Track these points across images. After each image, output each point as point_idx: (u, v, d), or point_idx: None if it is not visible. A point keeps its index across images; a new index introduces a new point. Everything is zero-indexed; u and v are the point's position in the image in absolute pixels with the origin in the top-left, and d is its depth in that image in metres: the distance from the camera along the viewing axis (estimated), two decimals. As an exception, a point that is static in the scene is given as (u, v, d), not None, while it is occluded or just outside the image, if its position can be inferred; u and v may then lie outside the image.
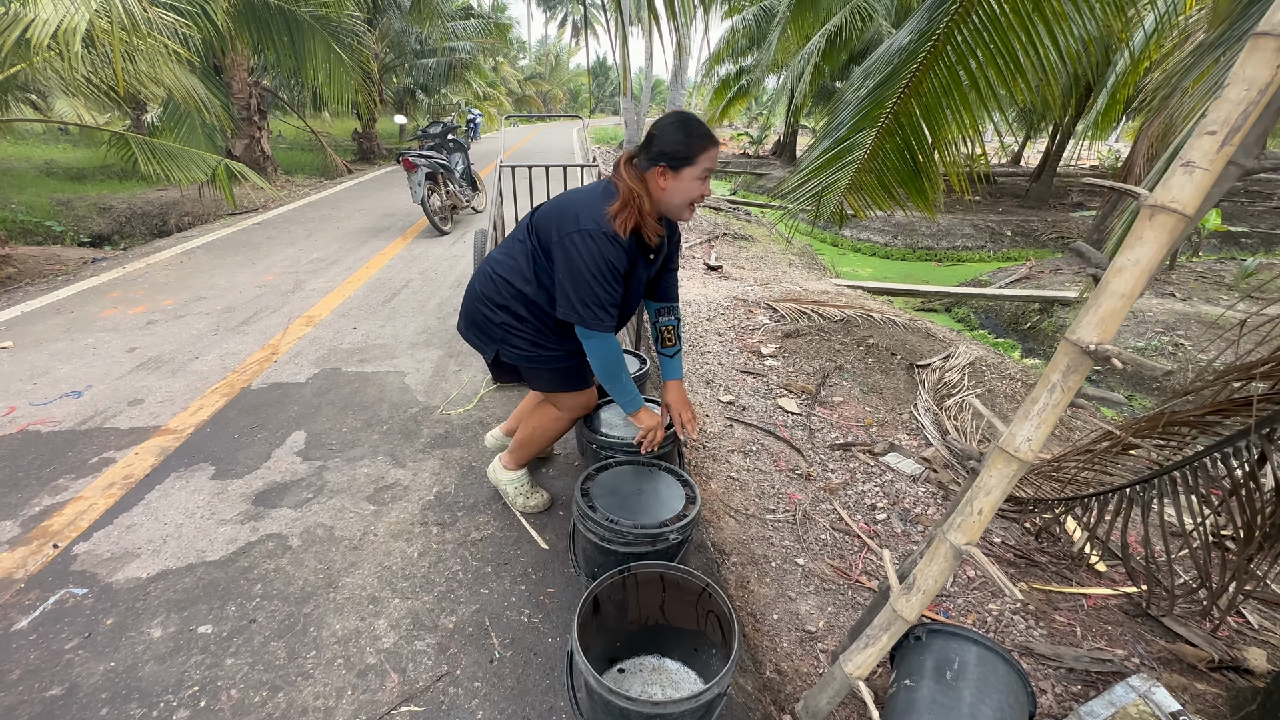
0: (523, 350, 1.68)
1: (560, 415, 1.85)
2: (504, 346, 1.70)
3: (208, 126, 7.97)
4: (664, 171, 1.47)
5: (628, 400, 1.67)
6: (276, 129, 14.08)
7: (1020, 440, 1.18)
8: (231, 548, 1.86)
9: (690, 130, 1.46)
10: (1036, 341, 6.77)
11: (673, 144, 1.45)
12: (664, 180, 1.48)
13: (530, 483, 2.08)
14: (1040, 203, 13.23)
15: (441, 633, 1.59)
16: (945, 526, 1.32)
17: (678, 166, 1.46)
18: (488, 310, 1.68)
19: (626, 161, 1.53)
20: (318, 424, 2.58)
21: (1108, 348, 1.07)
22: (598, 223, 1.46)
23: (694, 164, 1.46)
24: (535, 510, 2.06)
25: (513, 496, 2.06)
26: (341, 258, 5.19)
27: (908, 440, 3.09)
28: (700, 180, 1.49)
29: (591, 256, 1.46)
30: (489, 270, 1.69)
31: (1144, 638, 1.96)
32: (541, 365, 1.71)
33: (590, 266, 1.46)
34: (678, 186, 1.48)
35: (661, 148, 1.46)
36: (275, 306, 3.98)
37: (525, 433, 1.94)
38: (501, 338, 1.69)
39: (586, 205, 1.50)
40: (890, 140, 3.70)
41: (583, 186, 1.63)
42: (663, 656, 1.41)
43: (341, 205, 7.61)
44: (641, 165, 1.50)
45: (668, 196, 1.50)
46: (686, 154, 1.45)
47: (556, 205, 1.59)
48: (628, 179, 1.49)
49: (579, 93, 49.89)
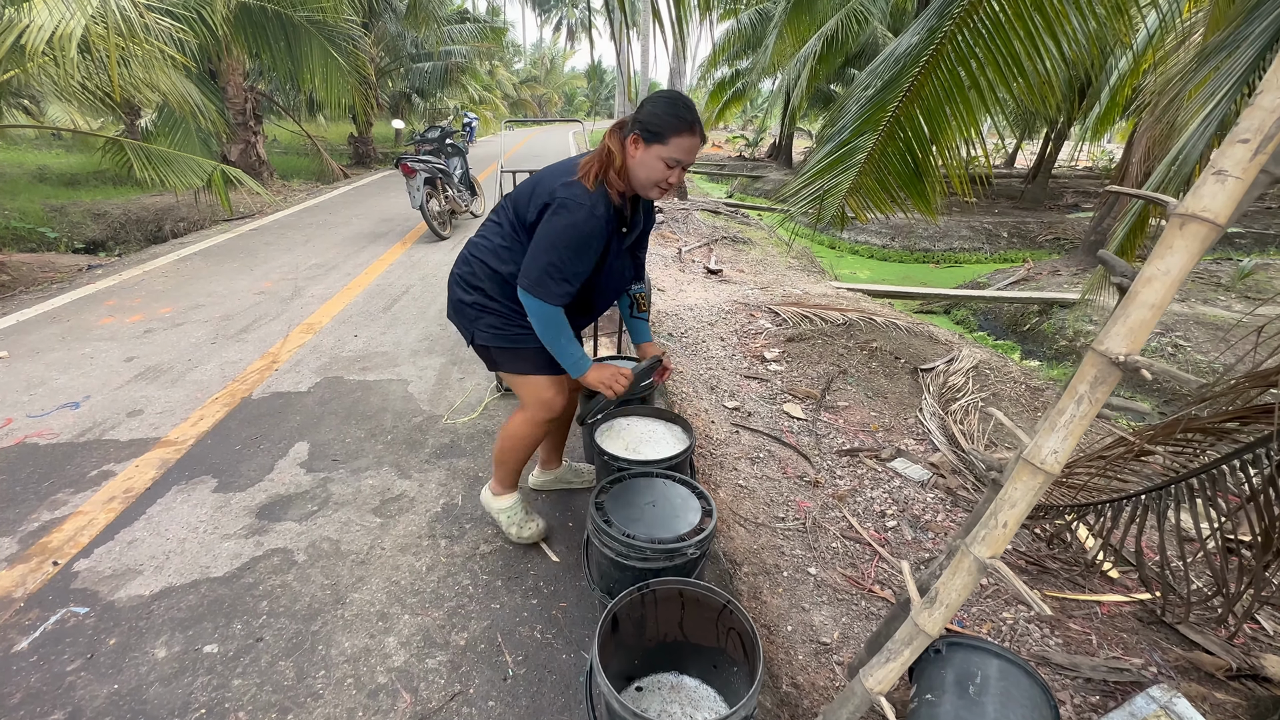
0: (496, 329, 1.64)
1: (527, 419, 1.76)
2: (477, 329, 1.66)
3: (203, 132, 7.93)
4: (636, 140, 1.43)
5: (574, 362, 1.59)
6: (271, 134, 14.02)
7: (1047, 452, 1.16)
8: (236, 563, 1.83)
9: (674, 109, 1.41)
10: (1036, 343, 6.78)
11: (650, 115, 1.41)
12: (634, 149, 1.45)
13: (524, 511, 1.98)
14: (1036, 204, 13.28)
15: (453, 650, 1.56)
16: (968, 539, 1.29)
17: (648, 140, 1.41)
18: (462, 291, 1.66)
19: (617, 126, 1.51)
20: (320, 434, 2.55)
21: (1138, 359, 1.05)
22: (575, 193, 1.44)
23: (664, 143, 1.40)
24: (529, 541, 1.96)
25: (505, 527, 1.97)
26: (340, 264, 5.15)
27: (914, 445, 3.08)
28: (665, 164, 1.42)
29: (563, 224, 1.43)
30: (466, 253, 1.68)
31: (1160, 646, 1.94)
32: (519, 344, 1.66)
33: (557, 233, 1.44)
34: (644, 160, 1.44)
35: (641, 116, 1.43)
36: (274, 314, 3.94)
37: (498, 446, 1.85)
38: (474, 318, 1.65)
39: (564, 173, 1.50)
40: (892, 143, 3.70)
41: (565, 159, 1.60)
42: (681, 674, 1.38)
43: (338, 210, 7.57)
44: (626, 130, 1.48)
45: (634, 167, 1.46)
46: (659, 129, 1.40)
47: (534, 179, 1.57)
48: (608, 138, 1.49)
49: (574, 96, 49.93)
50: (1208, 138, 3.01)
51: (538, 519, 2.00)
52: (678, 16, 3.65)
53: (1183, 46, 4.23)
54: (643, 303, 1.90)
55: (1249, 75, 2.74)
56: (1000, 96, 3.10)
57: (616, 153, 1.46)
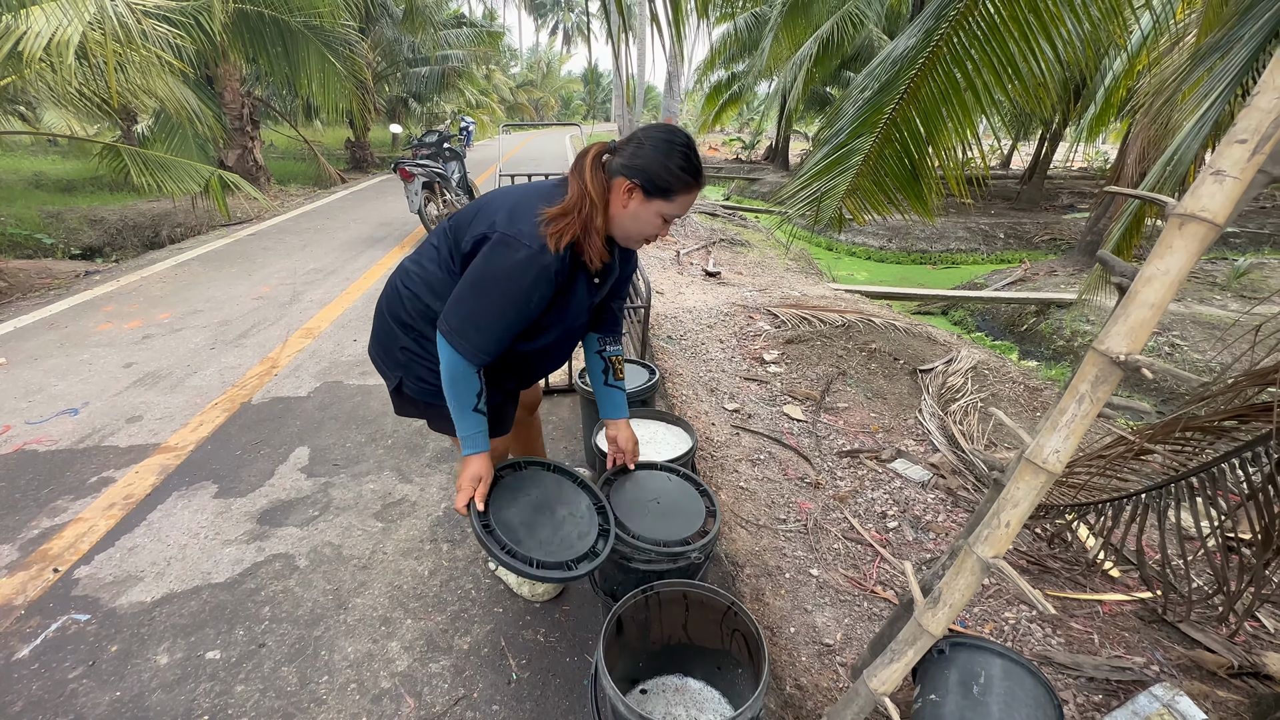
0: (427, 384, 1.36)
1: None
2: (407, 376, 1.37)
3: (199, 137, 7.94)
4: (633, 189, 1.18)
5: (468, 435, 1.29)
6: (268, 139, 14.03)
7: (1049, 452, 1.17)
8: (237, 569, 1.82)
9: (686, 162, 1.18)
10: (1034, 344, 6.80)
11: (659, 167, 1.16)
12: (629, 200, 1.19)
13: None
14: (1032, 205, 13.34)
15: (456, 654, 1.55)
16: (971, 539, 1.30)
17: (649, 194, 1.18)
18: (391, 330, 1.36)
19: (596, 157, 1.21)
20: (321, 439, 2.55)
21: (1138, 358, 1.06)
22: (519, 231, 1.15)
23: (671, 200, 1.19)
24: (546, 597, 1.75)
25: (516, 586, 1.77)
26: (339, 268, 5.15)
27: (914, 446, 3.09)
28: (664, 219, 1.22)
29: (501, 272, 1.16)
30: (397, 282, 1.37)
31: (1161, 644, 1.95)
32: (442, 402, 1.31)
33: (494, 281, 1.16)
34: (641, 213, 1.20)
35: (644, 164, 1.16)
36: (273, 319, 3.93)
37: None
38: (406, 364, 1.36)
39: (516, 205, 1.20)
40: (889, 145, 3.72)
41: (527, 185, 1.31)
42: (685, 676, 1.38)
43: (336, 215, 7.57)
44: (612, 168, 1.20)
45: (625, 219, 1.21)
46: (668, 185, 1.17)
47: (481, 201, 1.28)
48: (588, 180, 1.18)
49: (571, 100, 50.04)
50: (1202, 138, 3.03)
51: None
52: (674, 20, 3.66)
53: (1176, 48, 4.26)
54: (619, 368, 1.57)
55: (1243, 76, 2.76)
56: (996, 98, 3.12)
57: (598, 204, 1.18)
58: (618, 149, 1.22)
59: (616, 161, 1.20)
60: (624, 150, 1.20)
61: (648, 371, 2.27)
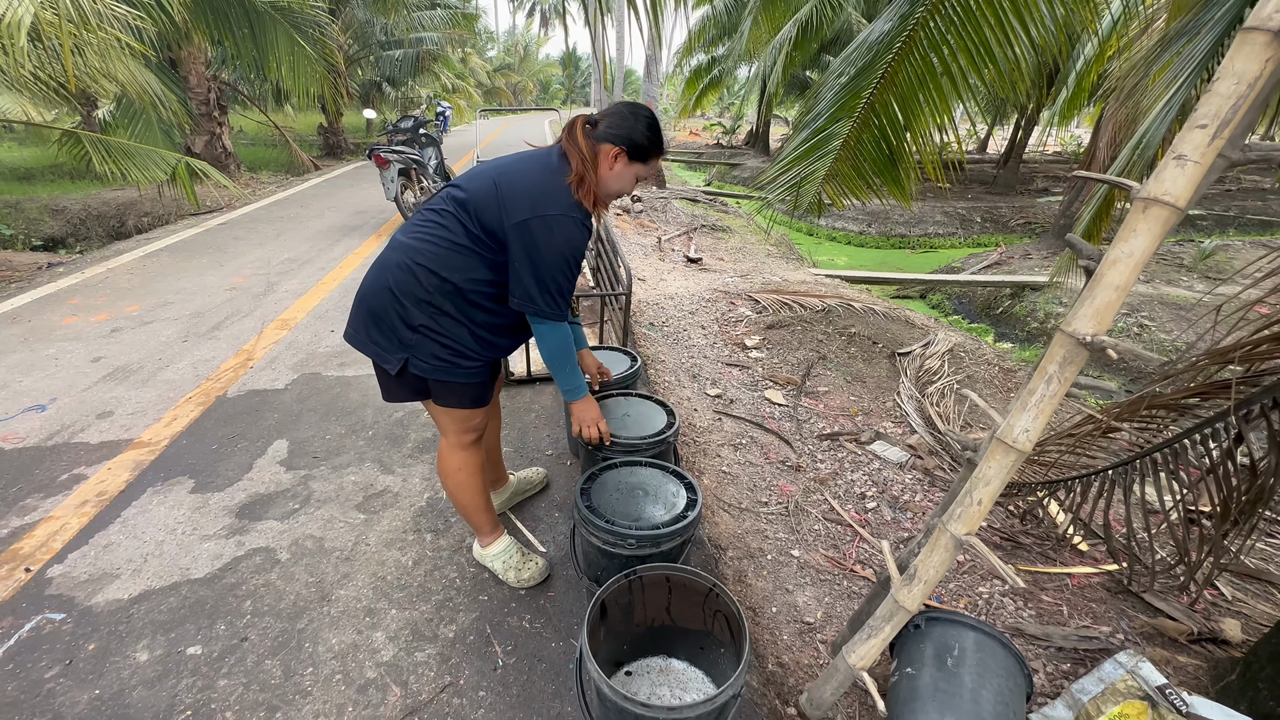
0: (441, 360, 1.43)
1: (453, 445, 1.61)
2: (415, 355, 1.43)
3: (164, 123, 7.68)
4: (620, 155, 1.41)
5: (573, 388, 1.58)
6: (237, 124, 13.63)
7: (1019, 431, 1.20)
8: (217, 564, 1.80)
9: (655, 133, 1.44)
10: (1009, 326, 6.94)
11: (642, 135, 1.40)
12: (616, 163, 1.42)
13: (519, 553, 1.82)
14: (1007, 189, 13.52)
15: (442, 642, 1.56)
16: (945, 517, 1.33)
17: (632, 157, 1.42)
18: (403, 309, 1.40)
19: (583, 126, 1.42)
20: (300, 431, 2.52)
21: (1104, 339, 1.09)
22: (565, 206, 1.36)
23: (647, 163, 1.45)
24: (532, 583, 1.79)
25: (502, 574, 1.79)
26: (314, 258, 5.05)
27: (893, 428, 3.14)
28: (637, 180, 1.48)
29: (562, 242, 1.36)
30: (404, 261, 1.40)
31: (1127, 614, 2.03)
32: (458, 379, 1.47)
33: (560, 253, 1.37)
34: (621, 174, 1.44)
35: (628, 132, 1.40)
36: (247, 310, 3.85)
37: (451, 497, 1.69)
38: (415, 343, 1.42)
39: (546, 186, 1.37)
40: (867, 130, 3.73)
41: (522, 157, 1.46)
42: (669, 657, 1.41)
43: (310, 203, 7.40)
44: (598, 136, 1.41)
45: (611, 179, 1.44)
46: (645, 150, 1.42)
47: (492, 180, 1.40)
48: (584, 147, 1.39)
49: (549, 84, 49.29)
50: (1169, 122, 3.10)
51: (536, 558, 1.83)
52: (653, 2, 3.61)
53: (1146, 33, 4.33)
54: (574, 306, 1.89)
55: (1208, 61, 2.81)
56: (971, 83, 3.14)
57: (591, 169, 1.40)
58: (597, 121, 1.44)
59: (601, 130, 1.42)
60: (604, 121, 1.43)
61: (630, 359, 2.27)
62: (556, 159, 1.41)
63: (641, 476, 1.58)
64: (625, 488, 1.53)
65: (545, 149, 1.47)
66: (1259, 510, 1.63)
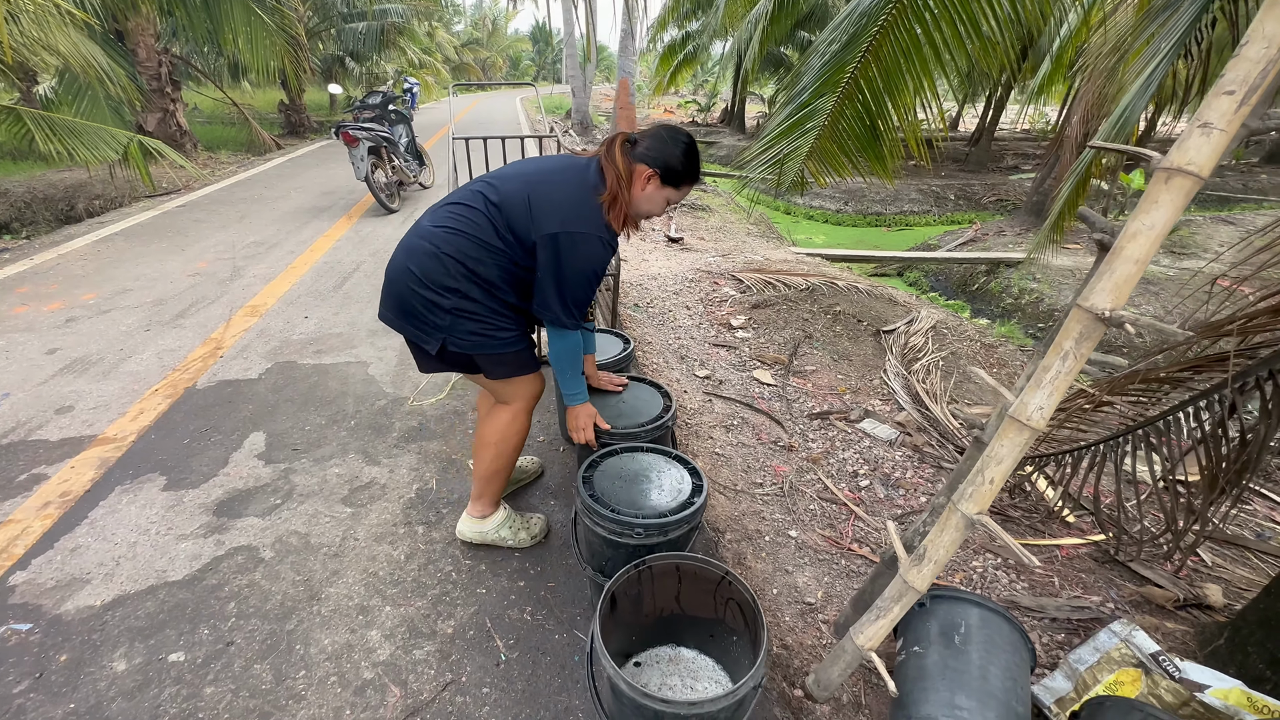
0: (479, 335, 1.48)
1: (518, 411, 1.65)
2: (452, 335, 1.47)
3: (113, 100, 7.24)
4: (653, 177, 1.43)
5: (575, 393, 1.62)
6: (192, 101, 12.96)
7: (1033, 409, 1.18)
8: (196, 565, 1.71)
9: (692, 161, 1.46)
10: (984, 302, 7.04)
11: (678, 160, 1.42)
12: (649, 186, 1.44)
13: (519, 515, 1.86)
14: (980, 166, 13.66)
15: (441, 639, 1.51)
16: (955, 496, 1.32)
17: (667, 181, 1.44)
18: (433, 295, 1.43)
19: (622, 144, 1.44)
20: (277, 423, 2.41)
21: (1123, 313, 1.07)
22: (594, 226, 1.39)
23: (679, 189, 1.47)
24: (539, 538, 1.85)
25: (508, 540, 1.81)
26: (282, 241, 4.84)
27: (881, 405, 3.15)
28: (667, 203, 1.49)
29: (586, 260, 1.40)
30: (433, 249, 1.42)
31: (1115, 583, 2.07)
32: (500, 349, 1.52)
33: (584, 270, 1.41)
34: (655, 197, 1.46)
35: (664, 156, 1.42)
36: (213, 297, 3.67)
37: (490, 457, 1.69)
38: (449, 325, 1.46)
39: (579, 202, 1.40)
40: (851, 105, 3.70)
41: (559, 166, 1.48)
42: (678, 645, 1.38)
43: (274, 184, 7.10)
44: (635, 155, 1.43)
45: (641, 200, 1.46)
46: (683, 176, 1.44)
47: (538, 192, 1.41)
48: (621, 167, 1.41)
49: (519, 60, 48.04)
50: (1149, 97, 3.12)
51: (533, 515, 1.89)
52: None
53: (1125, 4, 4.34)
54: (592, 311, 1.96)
55: (1187, 36, 2.82)
56: (954, 56, 3.12)
57: (625, 190, 1.42)
58: (637, 141, 1.45)
59: (639, 150, 1.43)
60: (643, 142, 1.44)
61: (622, 341, 2.22)
62: (594, 174, 1.44)
63: (643, 462, 1.54)
64: (628, 475, 1.49)
65: (584, 160, 1.48)
66: (1245, 479, 1.67)
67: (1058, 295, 6.58)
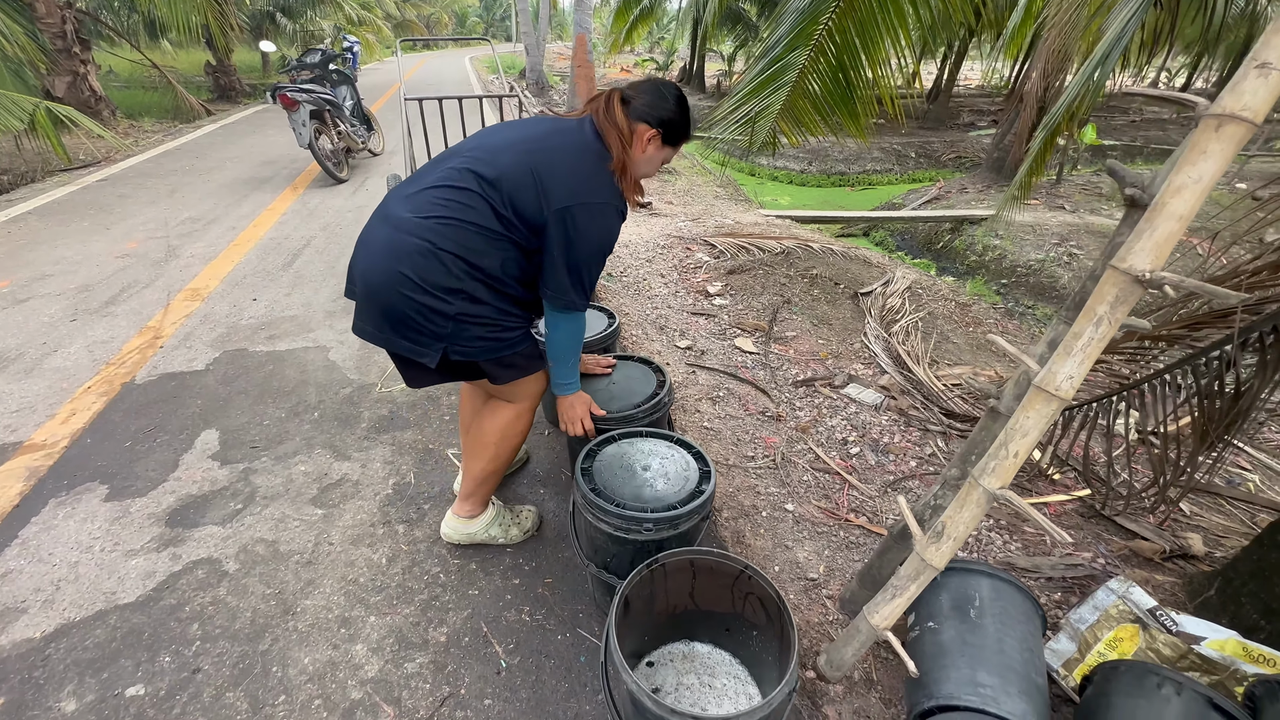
0: (486, 340, 1.31)
1: (523, 410, 1.53)
2: (455, 343, 1.29)
3: (12, 61, 6.50)
4: (654, 137, 1.31)
5: (569, 382, 1.51)
6: (107, 64, 11.82)
7: (1062, 378, 1.12)
8: (150, 584, 1.55)
9: (689, 112, 1.36)
10: (950, 260, 7.12)
11: (677, 118, 1.32)
12: (649, 146, 1.32)
13: (508, 509, 1.75)
14: (939, 124, 13.72)
15: (434, 648, 1.40)
16: (976, 470, 1.26)
17: (667, 140, 1.33)
18: (433, 300, 1.22)
19: (620, 103, 1.30)
20: (231, 418, 2.21)
21: (1165, 274, 1.00)
22: (610, 195, 1.27)
23: (675, 147, 1.38)
24: (532, 531, 1.75)
25: (500, 538, 1.69)
26: (220, 216, 4.46)
27: (864, 370, 3.13)
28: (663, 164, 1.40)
29: (602, 234, 1.28)
30: (426, 246, 1.20)
31: (1103, 538, 2.10)
32: (507, 351, 1.36)
33: (600, 245, 1.29)
34: (655, 159, 1.36)
35: (667, 116, 1.31)
36: (147, 280, 3.36)
37: (489, 457, 1.55)
38: (452, 332, 1.27)
39: (590, 171, 1.26)
40: (824, 58, 3.58)
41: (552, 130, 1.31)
42: (691, 641, 1.31)
43: (207, 153, 6.55)
44: (634, 113, 1.31)
45: (641, 163, 1.35)
46: (681, 132, 1.34)
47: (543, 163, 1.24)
48: (623, 127, 1.28)
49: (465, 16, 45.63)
50: (1122, 47, 3.09)
51: (523, 508, 1.78)
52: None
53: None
54: None
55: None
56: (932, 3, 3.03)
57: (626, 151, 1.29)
58: (632, 97, 1.32)
59: (637, 108, 1.30)
60: (639, 99, 1.31)
61: (606, 316, 2.09)
62: (594, 138, 1.29)
63: (643, 449, 1.43)
64: (628, 463, 1.38)
65: (573, 122, 1.34)
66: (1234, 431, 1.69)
67: (1020, 251, 6.69)
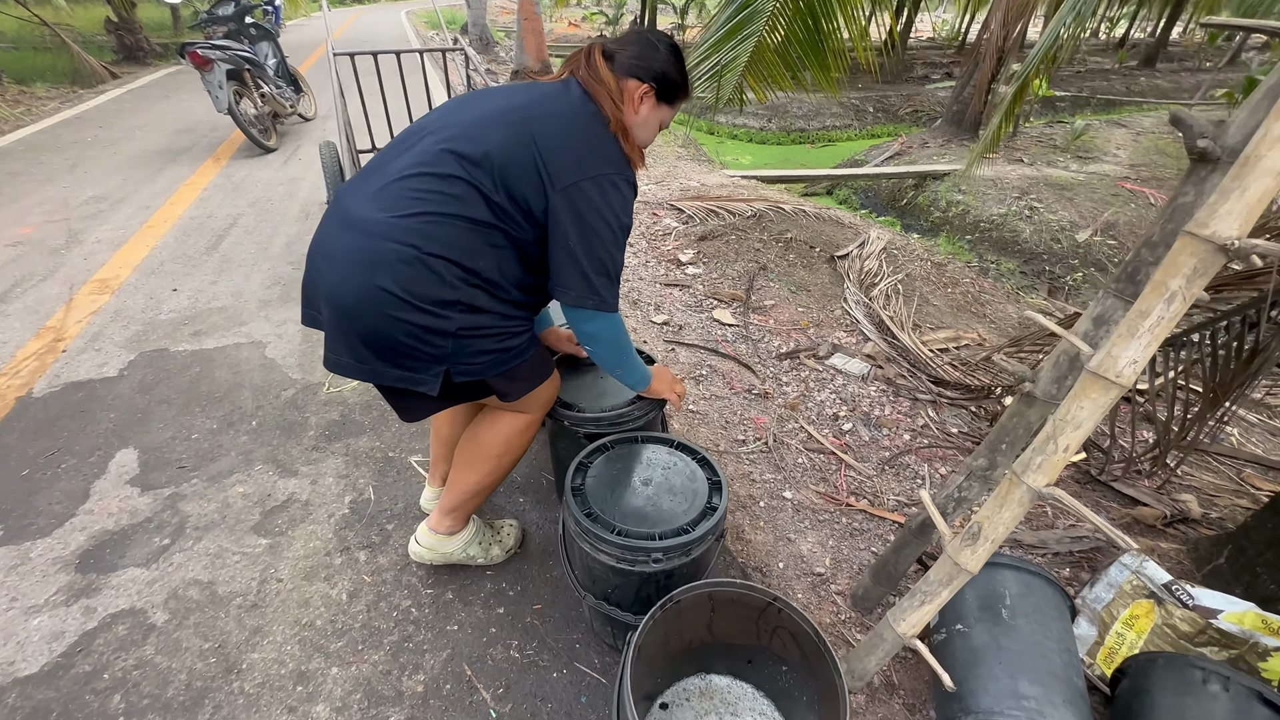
0: (492, 353, 1.12)
1: (533, 421, 1.33)
2: (458, 361, 1.09)
3: None
4: (648, 94, 1.15)
5: (640, 377, 1.33)
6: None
7: (1124, 363, 0.97)
8: (58, 647, 1.30)
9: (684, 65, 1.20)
10: (914, 217, 7.08)
11: (672, 67, 1.16)
12: (644, 107, 1.16)
13: (488, 526, 1.56)
14: (895, 78, 13.59)
15: (410, 701, 1.21)
16: (1019, 466, 1.13)
17: (663, 97, 1.17)
18: (428, 318, 1.03)
19: (602, 59, 1.13)
20: (152, 434, 1.91)
21: (1255, 242, 0.85)
22: (618, 165, 1.09)
23: (673, 106, 1.21)
24: (515, 549, 1.57)
25: (479, 558, 1.50)
26: (131, 194, 3.96)
27: (846, 338, 3.01)
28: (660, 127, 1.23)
29: (617, 209, 1.08)
30: (410, 252, 1.00)
31: (1102, 505, 2.05)
32: (516, 361, 1.16)
33: (618, 224, 1.09)
34: (651, 120, 1.18)
35: (657, 66, 1.14)
36: (45, 271, 2.93)
37: (481, 475, 1.35)
38: (453, 351, 1.07)
39: (593, 138, 1.08)
40: (793, 3, 3.36)
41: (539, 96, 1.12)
42: (707, 674, 1.16)
43: (113, 122, 5.85)
44: (620, 69, 1.14)
45: (638, 128, 1.18)
46: (679, 88, 1.18)
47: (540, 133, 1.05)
48: (613, 87, 1.11)
49: (397, -33, 42.57)
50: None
51: (504, 522, 1.58)
52: None
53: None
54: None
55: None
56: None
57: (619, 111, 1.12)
58: (616, 50, 1.16)
59: (624, 62, 1.14)
60: (625, 51, 1.15)
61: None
62: (586, 98, 1.11)
63: (642, 458, 1.25)
64: (627, 478, 1.20)
65: (557, 85, 1.15)
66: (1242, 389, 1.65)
67: (982, 206, 6.68)
